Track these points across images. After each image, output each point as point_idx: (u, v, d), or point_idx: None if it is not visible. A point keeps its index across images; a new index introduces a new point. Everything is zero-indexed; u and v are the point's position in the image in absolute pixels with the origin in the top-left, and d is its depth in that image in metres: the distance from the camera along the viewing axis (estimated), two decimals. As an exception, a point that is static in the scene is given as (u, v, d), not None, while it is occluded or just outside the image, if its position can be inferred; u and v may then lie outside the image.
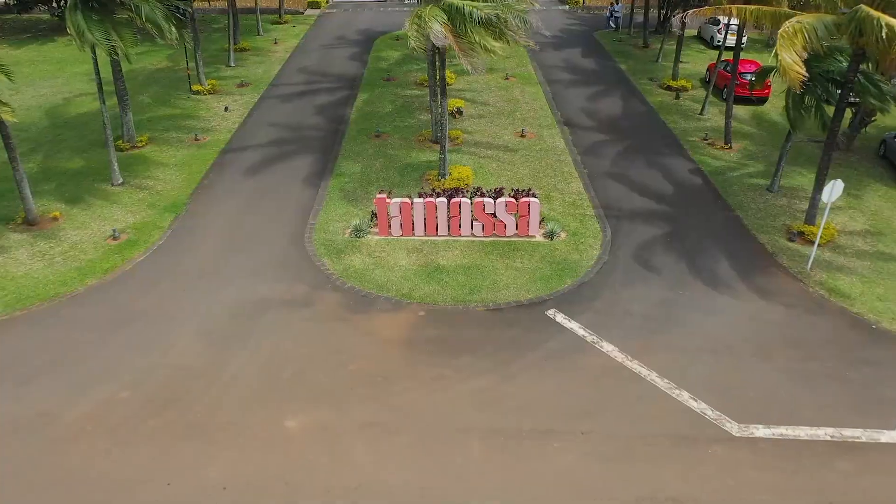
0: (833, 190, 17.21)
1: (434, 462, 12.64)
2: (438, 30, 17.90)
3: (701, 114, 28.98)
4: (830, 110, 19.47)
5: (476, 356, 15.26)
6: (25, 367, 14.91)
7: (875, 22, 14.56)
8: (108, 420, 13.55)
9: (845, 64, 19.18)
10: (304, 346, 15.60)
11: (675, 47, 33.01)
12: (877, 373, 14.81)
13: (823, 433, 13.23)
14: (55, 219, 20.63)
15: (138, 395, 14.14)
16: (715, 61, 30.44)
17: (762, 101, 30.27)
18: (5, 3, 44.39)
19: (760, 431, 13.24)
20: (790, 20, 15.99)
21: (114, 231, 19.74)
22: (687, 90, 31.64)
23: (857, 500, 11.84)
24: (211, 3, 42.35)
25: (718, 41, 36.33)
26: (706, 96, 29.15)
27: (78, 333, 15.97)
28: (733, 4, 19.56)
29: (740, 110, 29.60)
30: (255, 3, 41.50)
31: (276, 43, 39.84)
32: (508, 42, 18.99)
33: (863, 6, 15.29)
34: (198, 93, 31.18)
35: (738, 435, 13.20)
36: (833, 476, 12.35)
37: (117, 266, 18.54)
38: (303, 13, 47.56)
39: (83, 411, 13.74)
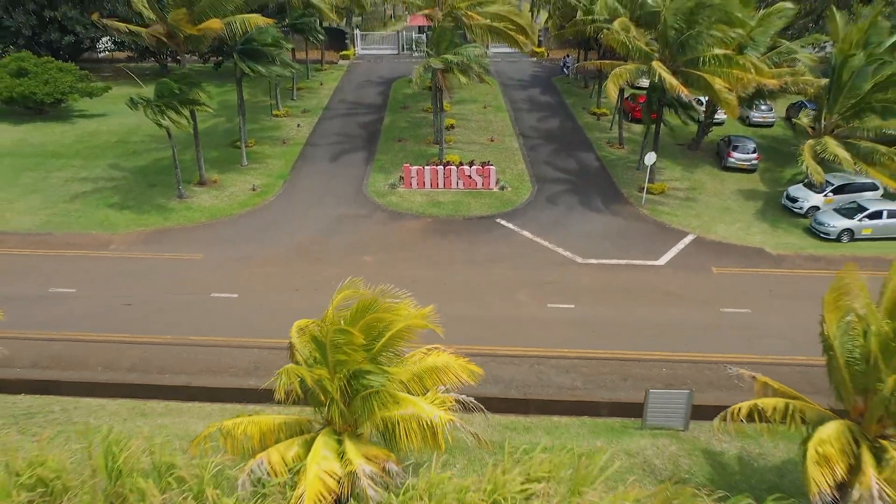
0: (648, 157, 31.41)
1: (436, 272, 26.41)
2: (438, 66, 32.40)
3: (610, 129, 43.28)
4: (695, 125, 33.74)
5: (459, 237, 29.20)
6: (230, 240, 28.81)
7: (654, 71, 29.01)
8: (279, 259, 27.36)
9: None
10: (369, 233, 29.52)
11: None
12: (657, 241, 28.77)
13: (623, 262, 27.13)
14: (215, 181, 34.61)
15: (289, 251, 27.96)
16: (625, 95, 44.74)
17: (653, 121, 44.48)
18: (128, 55, 59.06)
19: (592, 261, 27.14)
20: (619, 67, 30.40)
21: (253, 186, 33.81)
22: (606, 115, 45.90)
23: (630, 285, 25.69)
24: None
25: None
26: (613, 117, 43.53)
27: (249, 228, 29.89)
28: (599, 61, 34.13)
29: (637, 127, 43.90)
30: (306, 55, 56.04)
31: (321, 84, 54.31)
32: (473, 79, 33.58)
33: (654, 62, 29.62)
34: (276, 116, 45.50)
35: (581, 262, 27.10)
36: (622, 276, 26.19)
37: (259, 202, 32.53)
38: (336, 63, 62.18)
39: (263, 256, 27.53)
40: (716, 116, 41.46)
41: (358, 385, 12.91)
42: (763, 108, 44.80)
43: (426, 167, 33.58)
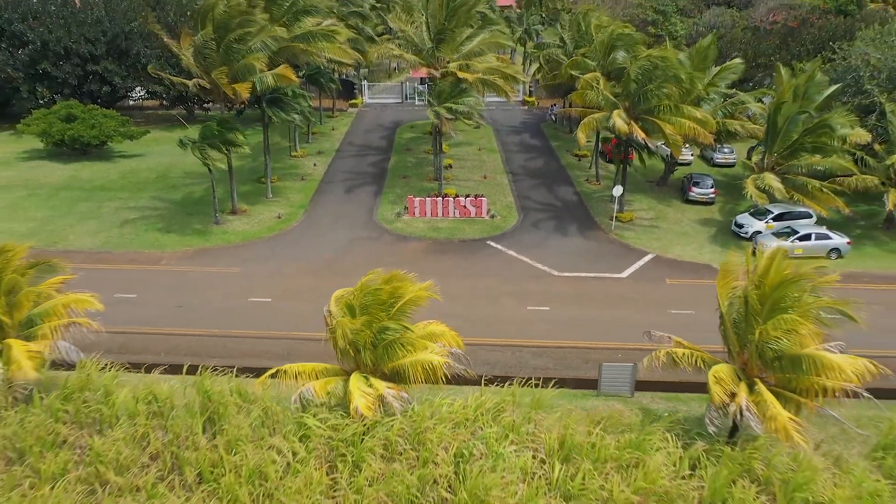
0: (616, 190, 36.80)
1: (436, 283, 31.49)
2: (444, 114, 38.02)
3: (589, 168, 48.84)
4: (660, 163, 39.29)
5: (455, 255, 34.37)
6: (261, 257, 33.96)
7: (611, 121, 34.58)
8: (304, 272, 32.45)
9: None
10: (379, 252, 34.68)
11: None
12: (622, 258, 33.93)
13: (592, 275, 32.25)
14: (245, 210, 39.91)
15: (311, 266, 33.06)
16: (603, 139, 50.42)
17: (621, 161, 50.05)
18: (160, 103, 65.18)
19: (566, 273, 32.26)
20: (588, 116, 36.03)
21: (279, 214, 39.12)
22: (586, 156, 51.49)
23: (596, 292, 30.76)
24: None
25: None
26: (592, 158, 49.12)
27: (277, 248, 35.07)
28: (574, 109, 39.89)
29: (613, 166, 49.42)
30: (319, 103, 62.05)
31: (333, 129, 60.15)
32: (474, 120, 39.35)
33: (615, 111, 35.18)
34: (295, 156, 51.13)
35: (556, 275, 32.22)
36: (590, 285, 31.28)
37: (284, 228, 37.78)
38: (346, 111, 68.27)
39: (290, 270, 32.63)
40: (682, 157, 47.22)
41: (381, 338, 17.93)
42: (725, 150, 50.55)
43: (427, 199, 38.99)
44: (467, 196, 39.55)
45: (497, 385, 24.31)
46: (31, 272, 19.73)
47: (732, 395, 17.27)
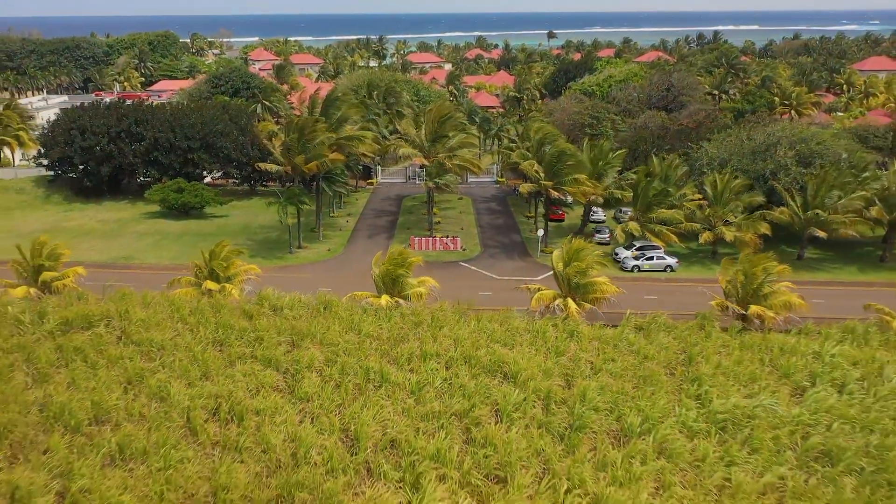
0: (539, 232, 58.53)
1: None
2: (431, 185, 60.41)
3: (534, 224, 70.77)
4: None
5: (441, 269, 55.64)
6: (322, 269, 55.32)
7: (541, 184, 56.72)
8: (349, 276, 53.71)
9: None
10: (393, 268, 56.28)
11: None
12: (540, 270, 55.24)
13: (519, 277, 53.61)
14: (306, 247, 61.47)
15: (352, 274, 54.30)
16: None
17: (561, 220, 72.02)
18: (227, 181, 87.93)
19: (505, 277, 53.59)
20: (524, 184, 58.26)
21: (328, 248, 60.76)
22: (533, 216, 73.53)
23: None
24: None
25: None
26: (534, 218, 71.14)
27: (330, 265, 56.50)
28: (520, 181, 62.20)
29: (551, 223, 71.39)
30: (347, 182, 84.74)
31: (357, 199, 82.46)
32: (454, 191, 61.46)
33: (541, 181, 57.34)
34: (333, 216, 73.23)
35: (499, 278, 53.59)
36: (517, 283, 52.65)
37: (333, 256, 59.27)
38: (365, 187, 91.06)
39: (341, 275, 53.96)
40: (594, 216, 69.43)
41: (396, 279, 39.30)
42: (628, 212, 72.67)
43: (423, 239, 60.80)
44: (448, 237, 61.41)
45: (457, 322, 45.58)
46: (233, 253, 41.08)
47: (553, 300, 38.53)
